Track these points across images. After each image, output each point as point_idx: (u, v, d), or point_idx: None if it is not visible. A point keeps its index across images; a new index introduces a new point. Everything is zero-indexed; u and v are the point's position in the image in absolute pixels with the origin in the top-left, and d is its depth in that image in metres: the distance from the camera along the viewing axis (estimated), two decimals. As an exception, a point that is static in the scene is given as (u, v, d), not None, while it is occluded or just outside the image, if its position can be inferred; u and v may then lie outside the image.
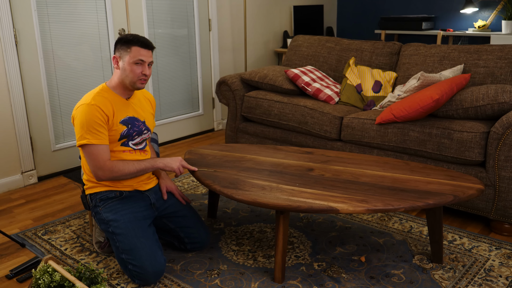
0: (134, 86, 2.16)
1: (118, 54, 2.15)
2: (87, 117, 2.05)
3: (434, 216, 2.14)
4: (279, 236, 1.99)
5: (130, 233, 2.09)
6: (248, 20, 4.76)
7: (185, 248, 2.34)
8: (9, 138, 3.20)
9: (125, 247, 2.07)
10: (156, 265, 2.06)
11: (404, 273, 2.15)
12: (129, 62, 2.11)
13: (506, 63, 2.84)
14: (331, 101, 3.21)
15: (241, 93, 3.51)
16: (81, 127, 2.06)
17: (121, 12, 3.70)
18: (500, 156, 2.37)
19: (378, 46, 3.47)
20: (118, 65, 2.15)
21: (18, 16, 3.15)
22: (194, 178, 3.35)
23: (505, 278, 2.11)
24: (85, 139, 2.05)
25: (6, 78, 3.13)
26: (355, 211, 1.85)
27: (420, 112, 2.59)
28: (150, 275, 2.05)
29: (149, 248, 2.07)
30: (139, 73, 2.13)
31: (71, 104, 3.51)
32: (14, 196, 3.15)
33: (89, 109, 2.06)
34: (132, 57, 2.11)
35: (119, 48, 2.14)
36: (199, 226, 2.34)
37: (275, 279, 2.08)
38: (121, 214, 2.12)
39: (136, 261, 2.04)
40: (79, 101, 2.13)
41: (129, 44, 2.12)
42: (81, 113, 2.07)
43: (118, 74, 2.16)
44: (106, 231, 2.15)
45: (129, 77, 2.13)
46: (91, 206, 2.21)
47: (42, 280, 1.80)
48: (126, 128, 2.16)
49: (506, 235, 2.49)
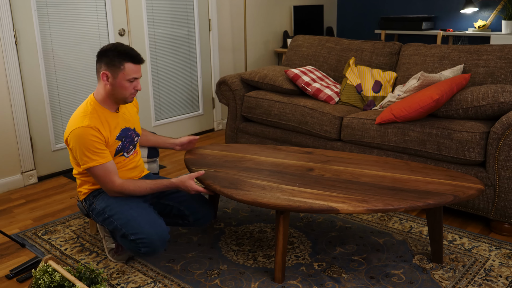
0: (125, 101, 2.13)
1: (108, 70, 2.03)
2: (86, 140, 2.01)
3: (434, 216, 2.14)
4: (279, 236, 1.99)
5: (124, 208, 2.07)
6: (248, 20, 4.76)
7: (189, 222, 2.29)
8: (9, 138, 3.20)
9: (123, 221, 2.04)
10: (157, 228, 2.01)
11: (404, 273, 2.15)
12: (122, 80, 2.04)
13: (506, 63, 2.84)
14: (331, 101, 3.21)
15: (241, 93, 3.51)
16: (83, 151, 2.02)
17: (121, 12, 3.70)
18: (500, 156, 2.37)
19: (378, 46, 3.47)
20: (107, 81, 2.05)
21: (18, 16, 3.15)
22: (194, 178, 3.35)
23: (505, 278, 2.11)
24: (93, 161, 2.02)
25: (6, 78, 3.13)
26: (355, 211, 1.86)
27: (420, 112, 2.59)
28: (154, 238, 1.99)
29: (147, 215, 2.05)
30: (132, 89, 2.08)
31: (71, 104, 3.51)
32: (14, 196, 3.15)
33: (86, 132, 2.01)
34: (126, 75, 2.03)
35: (108, 63, 2.03)
36: (199, 199, 2.30)
37: (275, 279, 2.08)
38: (114, 199, 2.12)
39: (136, 229, 2.00)
40: (71, 123, 2.06)
41: (121, 61, 2.02)
42: (78, 137, 2.01)
43: (108, 89, 2.08)
44: (104, 220, 2.12)
45: (121, 94, 2.08)
46: (87, 207, 2.21)
47: (42, 280, 1.80)
48: (120, 142, 2.16)
49: (506, 235, 2.49)
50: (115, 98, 2.11)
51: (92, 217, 2.22)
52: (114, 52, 2.03)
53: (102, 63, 2.05)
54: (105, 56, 2.04)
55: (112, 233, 2.24)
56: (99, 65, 2.07)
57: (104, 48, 2.06)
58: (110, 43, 2.09)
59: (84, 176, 2.20)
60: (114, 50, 2.03)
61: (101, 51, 2.06)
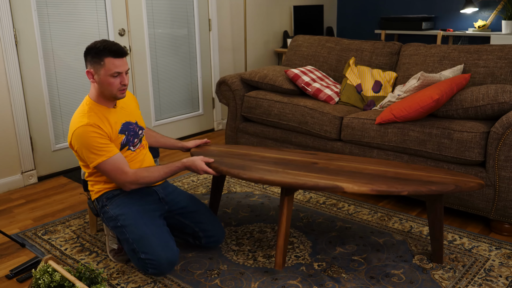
0: (115, 98, 2.11)
1: (91, 68, 2.04)
2: (88, 138, 2.00)
3: (435, 213, 2.14)
4: (283, 218, 1.99)
5: (139, 222, 2.05)
6: (248, 20, 4.76)
7: (200, 243, 2.31)
8: (9, 138, 3.20)
9: (135, 237, 2.03)
10: (169, 252, 2.01)
11: (404, 273, 2.15)
12: (105, 76, 2.03)
13: (506, 63, 2.84)
14: (331, 101, 3.21)
15: (241, 93, 3.51)
16: (88, 150, 2.01)
17: (121, 12, 3.70)
18: (500, 156, 2.37)
19: (378, 46, 3.47)
20: (93, 79, 2.06)
21: (18, 16, 3.15)
22: (194, 178, 3.35)
23: (505, 278, 2.11)
24: (100, 156, 2.01)
25: (6, 78, 3.13)
26: (359, 191, 1.86)
27: (420, 112, 2.59)
28: (163, 262, 1.99)
29: (160, 235, 2.04)
30: (118, 84, 2.06)
31: (71, 104, 3.51)
32: (14, 196, 3.15)
33: (86, 130, 2.00)
34: (108, 70, 2.02)
35: (90, 61, 2.03)
36: (213, 221, 2.32)
37: (275, 264, 2.05)
38: (129, 207, 2.11)
39: (147, 248, 1.99)
40: (71, 125, 2.07)
41: (100, 56, 2.01)
42: (80, 137, 2.01)
43: (96, 87, 2.08)
44: (115, 227, 2.11)
45: (108, 90, 2.07)
46: (99, 208, 2.19)
47: (42, 280, 1.80)
48: (124, 136, 2.15)
49: (506, 235, 2.49)
50: (105, 95, 2.10)
51: (102, 218, 2.21)
52: (95, 49, 2.03)
53: (86, 62, 2.07)
54: (88, 55, 2.05)
55: (120, 240, 2.24)
56: (85, 65, 2.09)
57: (87, 47, 2.06)
58: (94, 41, 2.08)
59: (96, 176, 2.18)
60: (94, 47, 2.03)
61: (85, 50, 2.07)
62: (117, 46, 2.04)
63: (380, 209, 2.81)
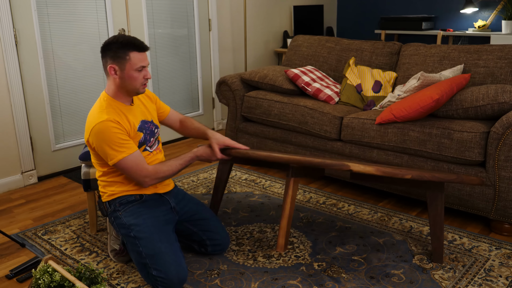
0: (137, 92, 2.09)
1: (114, 63, 2.00)
2: (109, 134, 1.96)
3: (436, 210, 2.15)
4: (287, 199, 1.99)
5: (154, 237, 2.02)
6: (248, 20, 4.76)
7: (206, 251, 2.29)
8: (9, 138, 3.20)
9: (149, 252, 1.99)
10: (180, 271, 1.98)
11: (404, 273, 2.15)
12: (130, 71, 2.00)
13: (506, 63, 2.84)
14: (331, 101, 3.21)
15: (241, 93, 3.51)
16: (108, 146, 1.97)
17: (121, 12, 3.70)
18: (500, 156, 2.37)
19: (378, 46, 3.47)
20: (116, 74, 2.02)
21: (18, 16, 3.15)
22: (194, 178, 3.36)
23: (505, 278, 2.11)
24: (121, 153, 1.97)
25: (6, 78, 3.13)
26: (365, 170, 1.87)
27: (420, 112, 2.59)
28: (175, 282, 1.96)
29: (174, 254, 2.00)
30: (141, 78, 2.04)
31: (71, 104, 3.52)
32: (14, 196, 3.15)
33: (106, 126, 1.96)
34: (133, 65, 2.00)
35: (112, 56, 1.99)
36: (220, 228, 2.31)
37: (277, 246, 2.04)
38: (144, 218, 2.07)
39: (161, 266, 1.96)
40: (89, 122, 2.01)
41: (125, 51, 1.98)
42: (100, 133, 1.96)
43: (117, 83, 2.04)
44: (126, 235, 2.07)
45: (132, 85, 2.04)
46: (110, 211, 2.14)
47: (42, 280, 1.80)
48: (143, 134, 2.13)
49: (506, 235, 2.49)
50: (127, 91, 2.07)
51: (111, 222, 2.16)
52: (117, 44, 1.99)
53: (107, 58, 2.02)
54: (109, 50, 2.01)
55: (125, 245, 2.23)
56: (105, 60, 2.03)
57: (106, 41, 2.03)
58: (111, 36, 2.06)
59: (110, 177, 2.13)
60: (117, 42, 2.00)
61: (104, 45, 2.02)
62: (139, 40, 2.03)
63: (380, 209, 2.81)
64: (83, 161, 2.49)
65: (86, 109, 3.61)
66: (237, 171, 3.47)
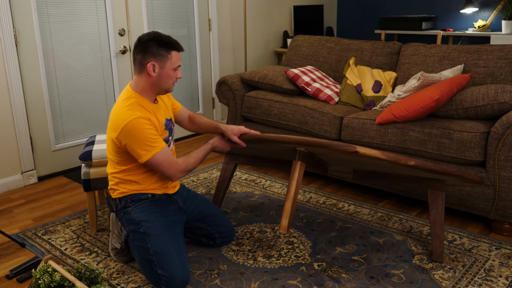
0: (167, 91, 2.11)
1: (155, 60, 2.01)
2: (143, 130, 1.96)
3: (437, 208, 2.16)
4: (293, 182, 2.02)
5: (164, 236, 2.03)
6: (248, 20, 4.76)
7: (214, 243, 2.36)
8: (9, 138, 3.20)
9: (158, 249, 2.00)
10: (185, 273, 1.99)
11: (404, 273, 2.15)
12: (169, 69, 2.03)
13: (506, 63, 2.84)
14: (331, 101, 3.21)
15: (241, 93, 3.51)
16: (142, 143, 1.96)
17: (121, 12, 3.70)
18: (500, 156, 2.37)
19: (378, 46, 3.47)
20: (154, 71, 2.02)
21: (18, 16, 3.15)
22: (194, 179, 3.36)
23: (505, 278, 2.11)
24: (155, 148, 1.98)
25: (6, 78, 3.13)
26: (371, 154, 1.91)
27: (420, 112, 2.59)
28: (178, 282, 1.97)
29: (180, 255, 2.02)
30: (174, 77, 2.08)
31: (71, 104, 3.51)
32: (14, 196, 3.15)
33: (139, 123, 1.95)
34: (174, 63, 2.04)
35: (154, 53, 2.00)
36: (226, 221, 2.39)
37: (280, 227, 2.03)
38: (154, 216, 2.08)
39: (167, 265, 1.97)
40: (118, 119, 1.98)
41: (168, 49, 2.02)
42: (133, 130, 1.95)
43: (151, 81, 2.04)
44: (135, 231, 2.07)
45: (165, 83, 2.06)
46: (120, 207, 2.13)
47: (42, 280, 1.80)
48: (168, 132, 2.15)
49: (506, 235, 2.49)
50: (158, 89, 2.08)
51: (120, 218, 2.16)
52: (159, 42, 2.01)
53: (147, 54, 2.01)
54: (149, 47, 2.01)
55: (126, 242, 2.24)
56: (143, 56, 2.02)
57: (144, 38, 2.03)
58: (145, 34, 2.06)
59: (129, 175, 2.11)
60: (158, 40, 2.02)
61: (143, 42, 2.03)
62: (176, 40, 2.09)
63: (380, 209, 2.81)
64: (83, 161, 2.49)
65: (86, 109, 3.61)
66: (238, 171, 3.47)
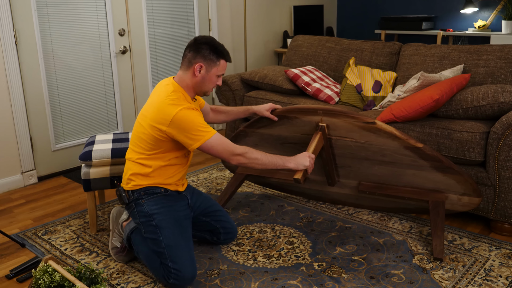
0: (205, 94, 2.19)
1: (204, 62, 2.09)
2: (193, 118, 2.02)
3: (438, 215, 2.22)
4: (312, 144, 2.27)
5: (176, 230, 2.08)
6: (248, 20, 4.76)
7: (218, 239, 2.38)
8: (9, 138, 3.21)
9: (170, 243, 2.04)
10: (194, 268, 2.04)
11: (404, 273, 2.15)
12: (214, 75, 2.13)
13: (506, 63, 2.84)
14: (331, 101, 3.21)
15: (241, 93, 3.51)
16: (195, 129, 2.01)
17: (121, 12, 3.70)
18: (500, 156, 2.37)
19: (378, 46, 3.47)
20: (199, 72, 2.10)
21: (18, 16, 3.15)
22: (194, 179, 3.36)
23: (505, 278, 2.11)
24: (208, 132, 2.03)
25: (6, 78, 3.13)
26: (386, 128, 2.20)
27: (420, 112, 2.59)
28: (188, 277, 2.01)
29: (190, 250, 2.07)
30: (215, 84, 2.16)
31: (71, 104, 3.51)
32: (14, 196, 3.15)
33: (189, 112, 2.02)
34: (220, 70, 2.14)
35: (205, 56, 2.09)
36: (229, 218, 2.41)
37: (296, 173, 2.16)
38: (167, 210, 2.11)
39: (178, 259, 2.01)
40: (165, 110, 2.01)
41: (219, 57, 2.11)
42: (184, 118, 2.00)
43: (195, 80, 2.12)
44: (147, 223, 2.09)
45: (207, 87, 2.15)
46: (132, 199, 2.13)
47: (42, 280, 1.80)
48: None
49: (506, 235, 2.49)
50: (199, 89, 2.16)
51: (131, 211, 2.16)
52: (212, 47, 2.10)
53: (197, 55, 2.10)
54: (202, 49, 2.10)
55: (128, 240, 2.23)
56: (194, 55, 2.10)
57: (201, 40, 2.12)
58: (202, 36, 2.15)
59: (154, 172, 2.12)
60: (212, 45, 2.11)
61: (198, 43, 2.11)
62: (228, 51, 2.18)
63: (380, 209, 2.81)
64: (83, 161, 2.49)
65: (86, 109, 3.61)
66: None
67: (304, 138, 2.49)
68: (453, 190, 2.33)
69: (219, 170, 3.50)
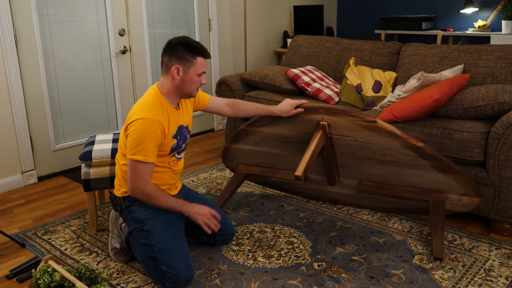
0: (190, 96, 2.14)
1: (179, 63, 2.05)
2: (147, 133, 1.99)
3: (438, 215, 2.22)
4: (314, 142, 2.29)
5: (168, 233, 2.06)
6: (248, 20, 4.76)
7: (215, 241, 2.36)
8: (9, 138, 3.20)
9: (162, 247, 2.03)
10: (189, 270, 2.03)
11: (404, 273, 2.15)
12: (193, 74, 2.07)
13: (506, 63, 2.84)
14: (331, 101, 3.21)
15: (241, 93, 3.51)
16: (138, 141, 1.99)
17: (121, 12, 3.70)
18: (500, 156, 2.37)
19: (378, 46, 3.47)
20: (178, 75, 2.06)
21: (18, 16, 3.15)
22: (194, 179, 3.36)
23: (505, 278, 2.11)
24: (142, 155, 1.99)
25: (6, 78, 3.13)
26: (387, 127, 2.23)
27: (420, 112, 2.59)
28: (183, 279, 2.00)
29: (184, 252, 2.05)
30: (198, 83, 2.11)
31: (71, 104, 3.51)
32: (14, 196, 3.15)
33: (151, 125, 1.99)
34: (198, 69, 2.07)
35: (180, 57, 2.05)
36: (227, 219, 2.38)
37: (296, 170, 2.19)
38: (158, 214, 2.10)
39: (171, 262, 2.00)
40: (137, 111, 2.03)
41: (194, 55, 2.05)
42: (142, 127, 1.99)
43: (175, 84, 2.08)
44: (139, 229, 2.09)
45: (189, 88, 2.10)
46: (124, 206, 2.15)
47: (42, 280, 1.80)
48: (176, 141, 2.15)
49: (506, 235, 2.49)
50: (181, 93, 2.12)
51: (125, 217, 2.17)
52: (186, 47, 2.05)
53: (172, 57, 2.06)
54: (176, 50, 2.05)
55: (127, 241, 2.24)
56: (169, 59, 2.07)
57: (173, 42, 2.07)
58: (176, 37, 2.10)
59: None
60: (186, 44, 2.05)
61: (171, 45, 2.07)
62: (205, 47, 2.11)
63: (380, 209, 2.81)
64: (83, 161, 2.49)
65: (86, 109, 3.61)
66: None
67: (305, 136, 2.50)
68: (453, 190, 2.33)
69: (219, 170, 3.50)
